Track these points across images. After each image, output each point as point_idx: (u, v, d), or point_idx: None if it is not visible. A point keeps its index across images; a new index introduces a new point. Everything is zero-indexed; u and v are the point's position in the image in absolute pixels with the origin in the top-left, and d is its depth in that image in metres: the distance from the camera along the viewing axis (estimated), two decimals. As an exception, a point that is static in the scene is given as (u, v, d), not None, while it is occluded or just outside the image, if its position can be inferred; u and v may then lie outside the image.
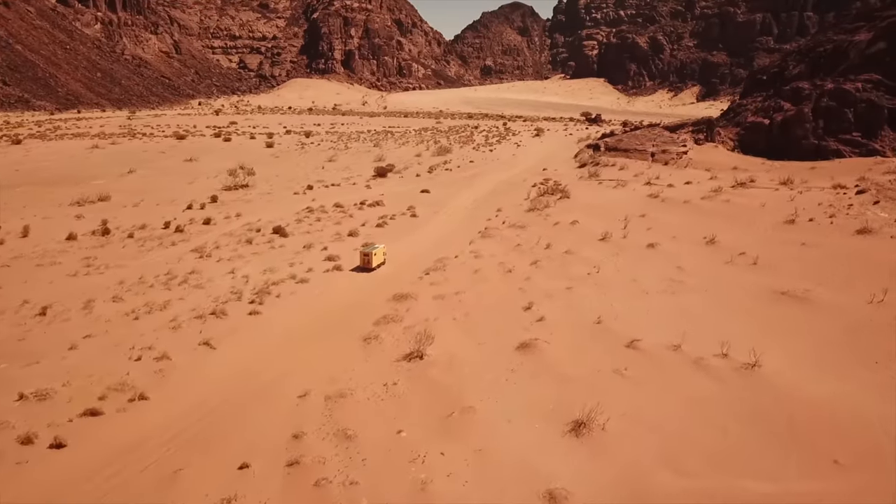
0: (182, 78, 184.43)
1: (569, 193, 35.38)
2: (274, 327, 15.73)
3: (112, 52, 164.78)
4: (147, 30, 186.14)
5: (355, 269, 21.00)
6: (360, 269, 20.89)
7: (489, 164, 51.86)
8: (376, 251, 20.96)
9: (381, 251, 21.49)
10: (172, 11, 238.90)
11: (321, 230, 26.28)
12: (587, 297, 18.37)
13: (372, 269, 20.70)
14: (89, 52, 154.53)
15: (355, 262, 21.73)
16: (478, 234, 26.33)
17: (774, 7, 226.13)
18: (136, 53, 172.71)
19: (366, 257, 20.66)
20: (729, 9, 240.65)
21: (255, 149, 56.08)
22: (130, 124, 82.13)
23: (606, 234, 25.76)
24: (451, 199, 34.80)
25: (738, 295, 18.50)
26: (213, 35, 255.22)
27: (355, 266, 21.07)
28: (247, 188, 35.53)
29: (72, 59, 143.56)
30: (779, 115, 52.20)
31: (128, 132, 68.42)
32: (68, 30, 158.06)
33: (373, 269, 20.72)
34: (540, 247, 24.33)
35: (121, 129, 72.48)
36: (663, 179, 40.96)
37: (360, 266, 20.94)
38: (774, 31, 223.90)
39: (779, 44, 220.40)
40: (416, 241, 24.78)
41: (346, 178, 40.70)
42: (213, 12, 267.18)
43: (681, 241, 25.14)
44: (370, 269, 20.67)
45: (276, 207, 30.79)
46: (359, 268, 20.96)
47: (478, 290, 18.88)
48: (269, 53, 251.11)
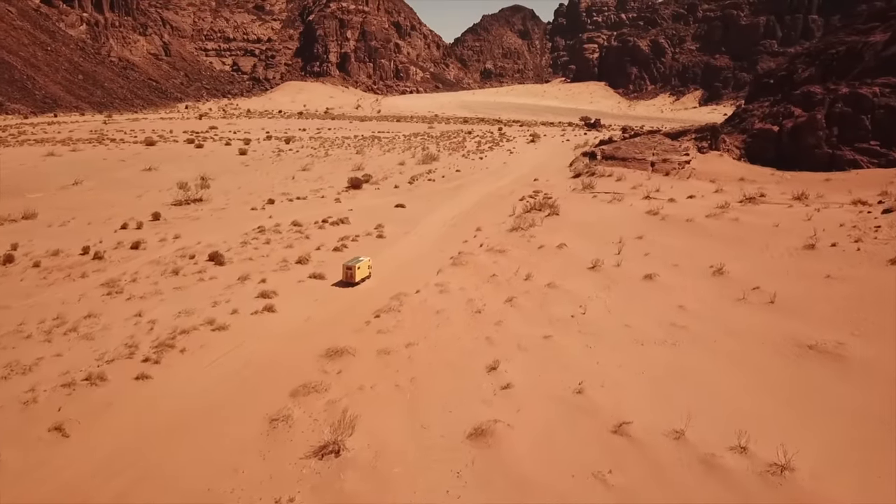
0: (170, 81, 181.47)
1: (558, 209, 32.04)
2: (162, 399, 12.35)
3: (97, 54, 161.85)
4: (135, 31, 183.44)
5: (337, 283, 19.93)
6: (344, 283, 19.92)
7: (477, 174, 48.61)
8: (360, 264, 19.91)
9: (367, 264, 20.28)
10: (164, 13, 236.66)
11: (267, 256, 22.92)
12: (568, 350, 14.99)
13: (356, 284, 19.74)
14: (72, 53, 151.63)
15: (295, 298, 18.40)
16: (449, 261, 22.99)
17: (778, 10, 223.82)
18: (123, 55, 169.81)
19: (348, 271, 19.65)
20: (732, 12, 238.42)
21: (226, 156, 52.84)
22: (103, 129, 79.01)
23: (597, 261, 22.41)
24: (428, 216, 31.49)
25: (755, 349, 15.12)
26: (206, 37, 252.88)
27: (338, 280, 19.90)
28: (200, 203, 32.22)
29: (52, 60, 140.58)
30: (789, 122, 48.97)
31: (96, 138, 65.22)
32: (51, 31, 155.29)
33: (356, 284, 19.75)
34: (519, 278, 20.99)
35: (90, 135, 69.27)
36: (664, 192, 37.63)
37: (343, 280, 19.94)
38: (778, 35, 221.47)
39: (783, 47, 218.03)
40: (374, 271, 21.44)
41: (316, 191, 37.42)
42: (206, 14, 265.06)
43: (683, 270, 21.78)
44: (353, 283, 19.73)
45: (224, 226, 27.46)
46: (341, 282, 19.98)
47: (435, 341, 15.51)
48: (263, 56, 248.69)
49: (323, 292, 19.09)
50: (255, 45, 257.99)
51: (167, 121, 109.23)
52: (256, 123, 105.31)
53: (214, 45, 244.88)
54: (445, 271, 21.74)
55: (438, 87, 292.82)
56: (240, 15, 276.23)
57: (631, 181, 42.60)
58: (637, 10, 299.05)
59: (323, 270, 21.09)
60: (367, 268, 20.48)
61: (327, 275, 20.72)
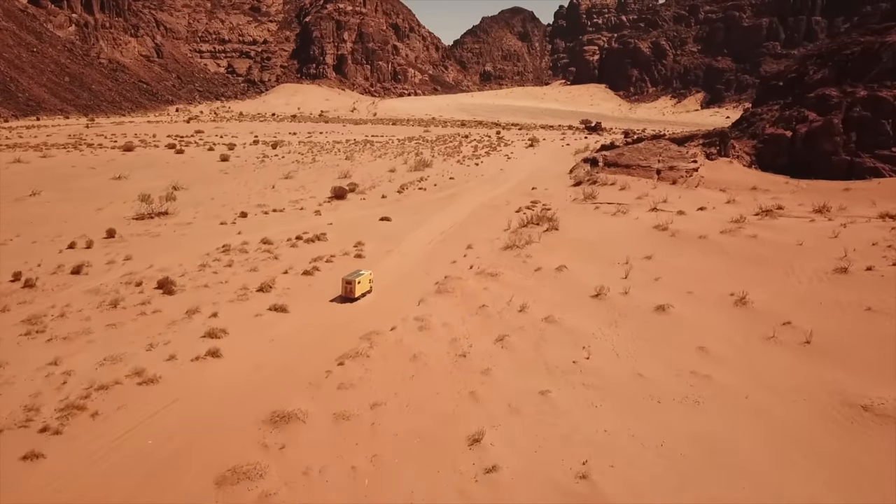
0: (162, 83, 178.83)
1: (558, 223, 29.44)
2: (47, 490, 9.69)
3: (85, 56, 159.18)
4: (127, 32, 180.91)
5: (335, 299, 18.62)
6: (343, 298, 18.68)
7: (472, 182, 46.05)
8: (361, 278, 18.74)
9: (368, 278, 19.14)
10: (159, 14, 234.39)
11: (225, 281, 20.29)
12: (570, 413, 12.35)
13: (355, 300, 18.53)
14: (59, 55, 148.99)
15: (247, 338, 15.77)
16: (433, 287, 20.37)
17: (781, 12, 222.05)
18: (114, 57, 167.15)
19: (348, 286, 18.49)
20: (734, 13, 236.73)
21: (205, 163, 50.25)
22: (83, 133, 76.41)
23: (601, 288, 19.80)
24: (415, 231, 28.88)
25: (796, 411, 12.49)
26: (201, 39, 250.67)
27: (335, 297, 18.69)
28: (165, 216, 29.59)
29: (38, 62, 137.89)
30: (802, 127, 46.45)
31: (73, 143, 62.59)
32: (37, 32, 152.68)
33: (356, 300, 18.54)
34: (512, 309, 18.38)
35: (68, 140, 66.65)
36: (672, 203, 35.06)
37: (342, 296, 18.69)
38: (781, 36, 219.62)
39: (786, 49, 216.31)
40: (344, 300, 18.82)
41: (295, 202, 34.82)
42: (202, 15, 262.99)
43: (700, 299, 19.18)
44: (353, 298, 18.50)
45: (185, 245, 24.84)
46: (340, 297, 18.74)
47: (407, 398, 12.88)
48: (258, 58, 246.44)
49: (283, 329, 16.46)
50: (250, 46, 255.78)
51: (153, 124, 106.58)
52: (246, 127, 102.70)
53: (209, 47, 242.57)
54: (428, 301, 19.12)
55: (437, 90, 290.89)
56: (235, 16, 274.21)
57: (636, 190, 40.05)
58: (637, 12, 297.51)
59: (286, 301, 18.46)
60: (369, 282, 19.25)
61: (291, 306, 18.10)
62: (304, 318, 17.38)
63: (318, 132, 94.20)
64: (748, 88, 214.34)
